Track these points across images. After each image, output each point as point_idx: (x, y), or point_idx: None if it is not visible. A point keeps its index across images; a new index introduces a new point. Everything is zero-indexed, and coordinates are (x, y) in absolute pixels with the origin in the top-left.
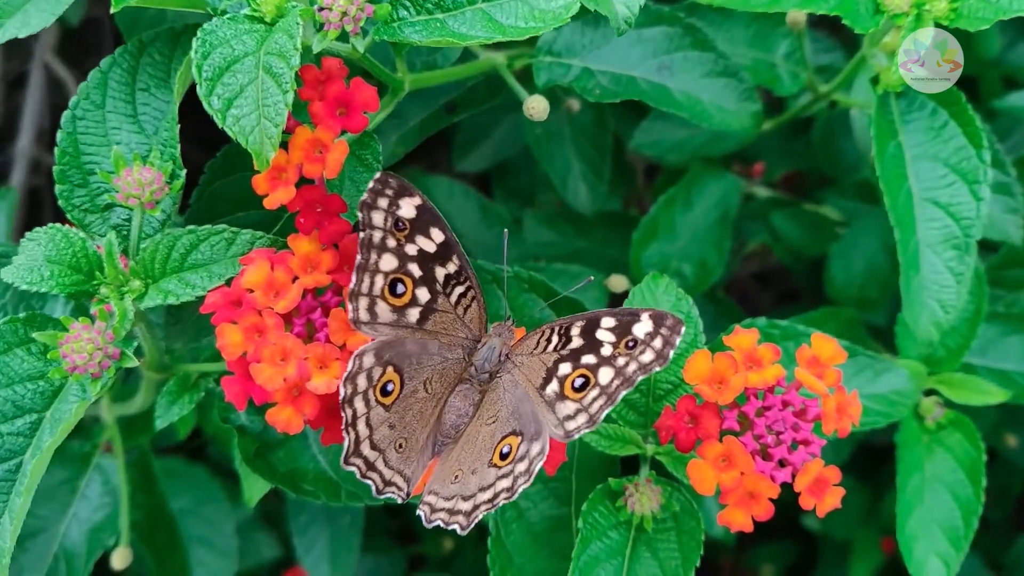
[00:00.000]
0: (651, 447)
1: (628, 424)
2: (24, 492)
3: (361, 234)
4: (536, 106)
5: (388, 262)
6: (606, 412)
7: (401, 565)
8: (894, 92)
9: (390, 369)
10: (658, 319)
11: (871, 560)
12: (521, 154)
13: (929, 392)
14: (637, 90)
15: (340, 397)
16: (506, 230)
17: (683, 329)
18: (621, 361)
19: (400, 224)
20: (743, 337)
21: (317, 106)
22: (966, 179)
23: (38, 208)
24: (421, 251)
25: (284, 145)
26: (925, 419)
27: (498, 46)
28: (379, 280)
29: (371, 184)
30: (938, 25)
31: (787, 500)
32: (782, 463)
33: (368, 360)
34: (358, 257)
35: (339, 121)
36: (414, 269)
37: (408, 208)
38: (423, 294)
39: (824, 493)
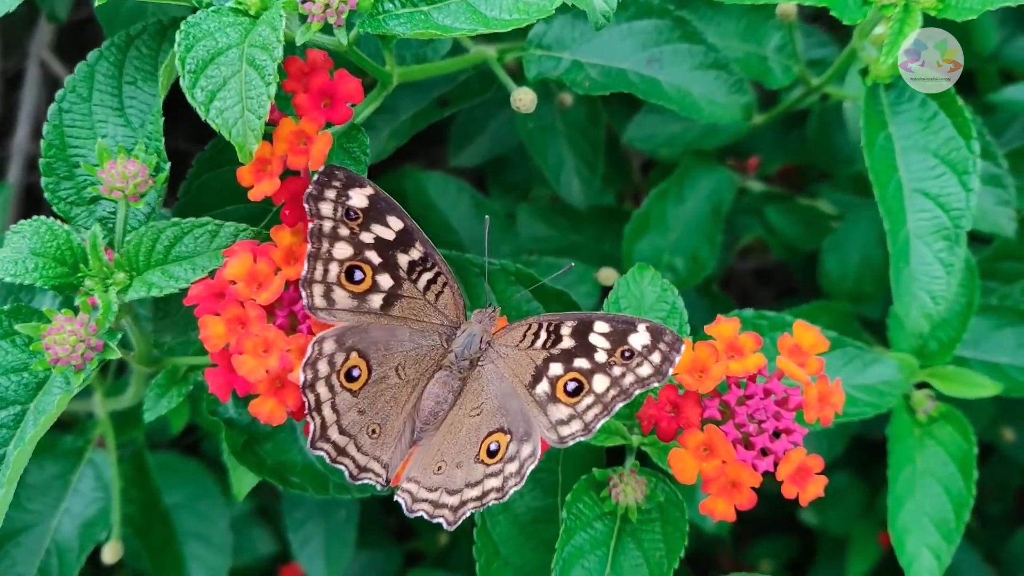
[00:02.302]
0: (636, 437)
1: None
2: (6, 483)
3: (310, 224)
4: (523, 98)
5: (342, 250)
6: (602, 422)
7: (397, 561)
8: (883, 83)
9: (354, 355)
10: (656, 333)
11: (869, 554)
12: (516, 149)
13: (921, 385)
14: (627, 83)
15: (300, 383)
16: (488, 216)
17: (683, 347)
18: (617, 371)
19: (352, 213)
20: (724, 326)
21: (301, 98)
22: (955, 170)
23: (36, 204)
24: (379, 239)
25: (269, 137)
26: (916, 412)
27: (488, 39)
28: (333, 267)
29: (316, 177)
30: (926, 16)
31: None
32: (764, 452)
33: (328, 346)
34: (308, 246)
35: (323, 113)
36: (372, 256)
37: (359, 198)
38: (385, 280)
39: (807, 481)
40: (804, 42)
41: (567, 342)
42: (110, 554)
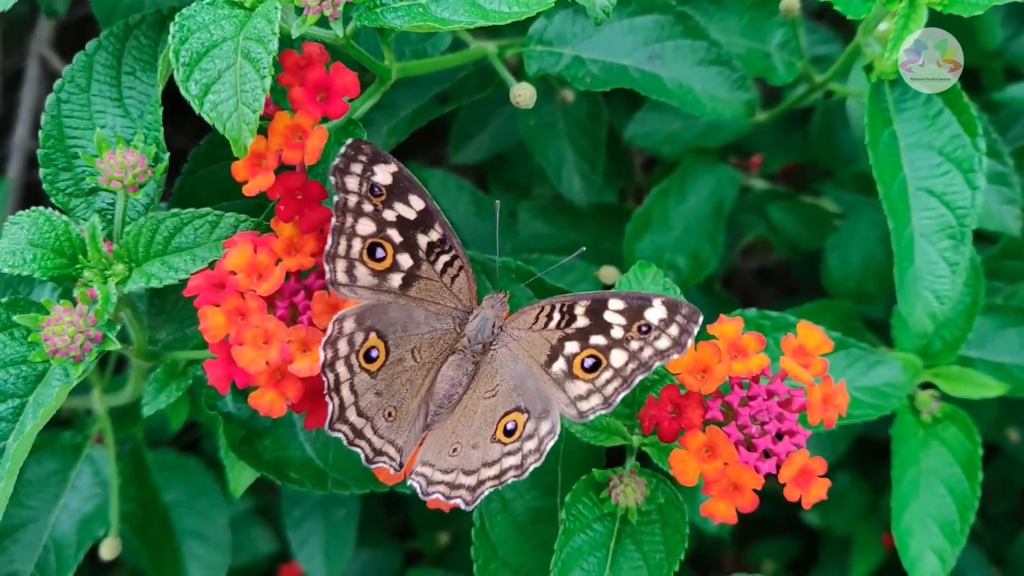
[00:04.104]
0: (637, 438)
1: (614, 414)
2: (6, 476)
3: (335, 198)
4: (523, 94)
5: (365, 226)
6: (622, 395)
7: (397, 560)
8: (888, 80)
9: (373, 335)
10: (673, 306)
11: (872, 555)
12: (517, 146)
13: (926, 385)
14: (628, 79)
15: (320, 361)
16: (497, 201)
17: (700, 318)
18: (635, 345)
19: (376, 189)
20: (727, 326)
21: (297, 92)
22: (961, 168)
23: (36, 201)
24: (400, 217)
25: (264, 132)
26: (921, 413)
27: (489, 34)
28: (356, 243)
29: (343, 150)
30: (932, 11)
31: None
32: (767, 453)
33: (349, 325)
34: (333, 220)
35: (319, 107)
36: (393, 234)
37: (384, 174)
38: (405, 260)
39: (810, 484)
40: (807, 38)
41: (582, 321)
42: (108, 551)
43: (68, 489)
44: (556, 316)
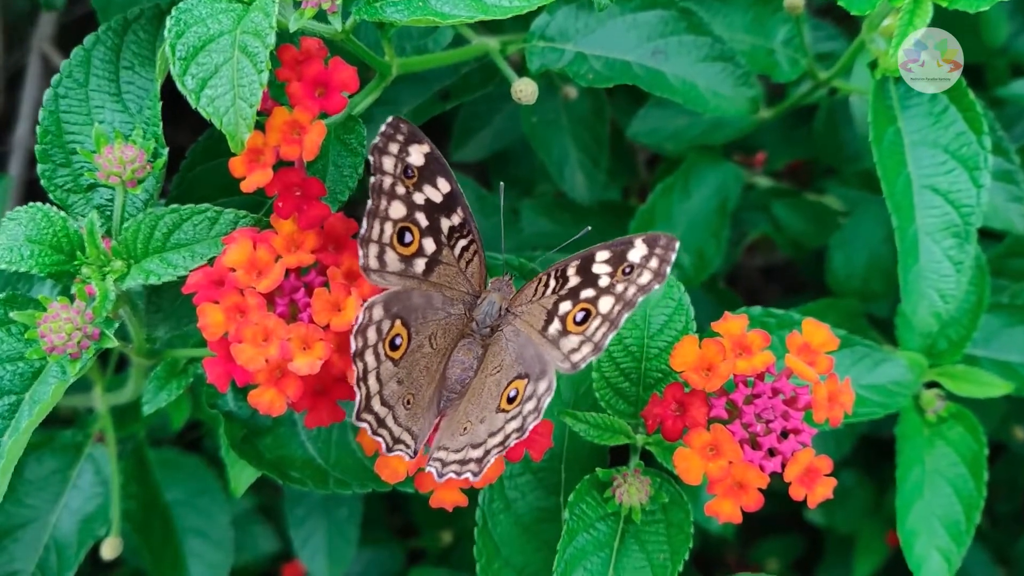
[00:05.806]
0: (641, 437)
1: (618, 413)
2: (1, 473)
3: (372, 179)
4: (524, 89)
5: (397, 210)
6: (610, 338)
7: (400, 558)
8: (892, 77)
9: (398, 323)
10: (651, 241)
11: (876, 553)
12: (520, 143)
13: (931, 385)
14: (631, 75)
15: (351, 351)
16: (502, 183)
17: (677, 245)
18: (620, 287)
19: (409, 171)
20: (732, 323)
21: (295, 87)
22: (966, 165)
23: (37, 199)
24: (428, 200)
25: (262, 127)
26: (926, 412)
27: (491, 30)
28: (388, 228)
29: (383, 128)
30: (937, 7)
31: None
32: (772, 452)
33: (378, 312)
34: (369, 203)
35: (317, 102)
36: (421, 218)
37: (417, 155)
38: (429, 245)
39: (815, 483)
40: (812, 35)
41: (573, 280)
42: (109, 550)
43: (69, 488)
44: (552, 283)
